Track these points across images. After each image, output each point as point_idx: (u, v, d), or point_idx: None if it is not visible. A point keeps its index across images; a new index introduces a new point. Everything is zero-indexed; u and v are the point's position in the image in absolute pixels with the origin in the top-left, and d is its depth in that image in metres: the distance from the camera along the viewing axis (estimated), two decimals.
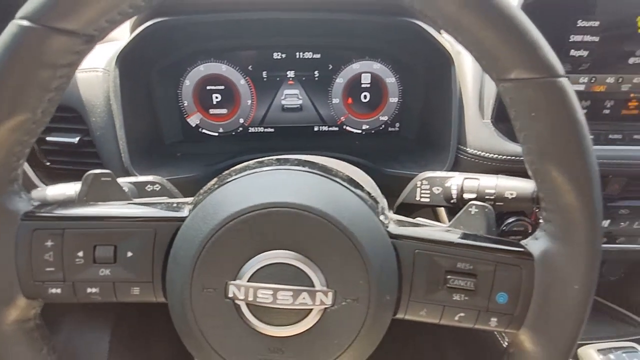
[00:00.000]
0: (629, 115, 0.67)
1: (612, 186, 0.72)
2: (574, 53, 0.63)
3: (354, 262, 0.33)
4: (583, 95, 0.66)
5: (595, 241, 0.34)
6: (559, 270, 0.35)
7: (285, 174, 0.37)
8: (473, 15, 0.31)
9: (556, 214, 0.35)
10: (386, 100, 0.80)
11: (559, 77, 0.32)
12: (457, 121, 0.68)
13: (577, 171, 0.33)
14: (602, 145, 0.68)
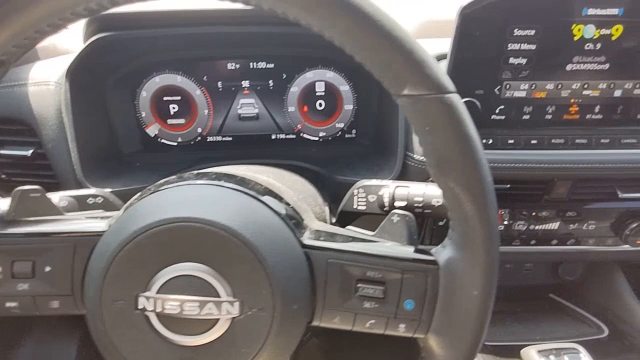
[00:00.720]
0: (570, 120, 0.69)
1: (558, 189, 0.74)
2: (513, 61, 0.65)
3: (257, 273, 0.35)
4: (525, 102, 0.68)
5: (491, 249, 0.36)
6: (460, 276, 0.37)
7: (199, 189, 0.38)
8: (364, 36, 0.32)
9: (458, 222, 0.37)
10: (341, 108, 0.81)
11: (447, 94, 0.33)
12: (404, 128, 0.70)
13: (470, 182, 0.34)
14: (545, 149, 0.70)
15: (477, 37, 0.63)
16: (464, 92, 0.66)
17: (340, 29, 0.32)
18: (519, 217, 0.77)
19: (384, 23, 0.32)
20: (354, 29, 0.32)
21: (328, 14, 0.32)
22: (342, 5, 0.31)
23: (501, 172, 0.69)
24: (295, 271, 0.37)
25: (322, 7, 0.31)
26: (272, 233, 0.36)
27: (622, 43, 0.63)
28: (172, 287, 0.34)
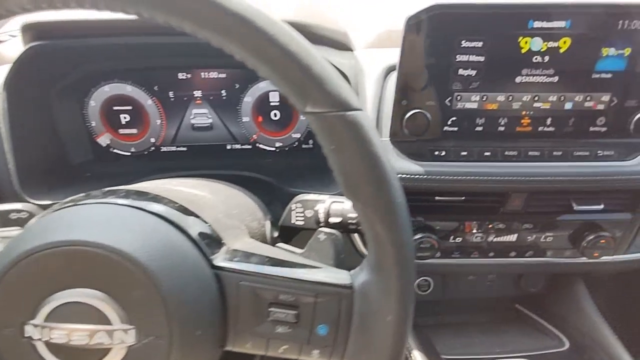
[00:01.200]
0: (523, 132, 0.68)
1: (513, 202, 0.73)
2: (463, 72, 0.64)
3: (153, 298, 0.33)
4: (477, 113, 0.67)
5: (404, 273, 0.34)
6: (374, 301, 0.35)
7: (98, 209, 0.36)
8: (260, 51, 0.31)
9: (371, 245, 0.35)
10: (297, 118, 0.80)
11: (350, 111, 0.32)
12: None
13: (379, 203, 0.33)
14: (499, 162, 0.69)
15: (425, 48, 0.62)
16: (414, 103, 0.65)
17: (236, 43, 0.31)
18: (477, 230, 0.76)
19: (280, 36, 0.30)
20: (248, 42, 0.30)
21: (221, 28, 0.30)
22: (235, 19, 0.30)
23: (455, 184, 0.68)
24: (201, 294, 0.35)
25: (215, 21, 0.30)
26: (174, 254, 0.35)
27: (570, 56, 0.63)
28: (61, 315, 0.32)
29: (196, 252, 0.36)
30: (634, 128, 0.67)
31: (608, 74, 0.64)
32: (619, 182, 0.69)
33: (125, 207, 0.36)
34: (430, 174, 0.67)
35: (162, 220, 0.36)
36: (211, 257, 0.37)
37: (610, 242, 0.74)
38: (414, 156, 0.68)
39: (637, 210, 0.74)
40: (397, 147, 0.68)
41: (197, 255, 0.36)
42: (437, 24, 0.61)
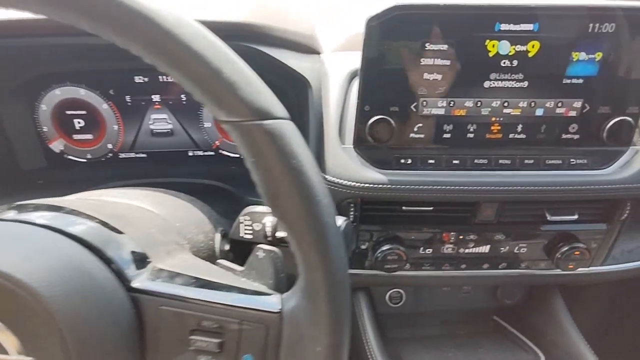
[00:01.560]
0: (493, 139, 0.65)
1: (484, 212, 0.70)
2: (428, 76, 0.61)
3: (49, 328, 0.29)
4: (445, 119, 0.64)
5: (336, 298, 0.31)
6: (304, 329, 0.32)
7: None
8: (167, 52, 0.28)
9: (301, 266, 0.32)
10: None
11: (268, 120, 0.28)
12: (316, 146, 0.65)
13: (304, 222, 0.30)
14: (468, 170, 0.66)
15: (387, 51, 0.59)
16: (377, 109, 0.62)
17: (138, 43, 0.27)
18: (447, 241, 0.73)
19: (187, 36, 0.27)
20: (153, 43, 0.27)
21: (120, 26, 0.27)
22: (135, 16, 0.26)
23: (422, 194, 0.65)
24: (112, 322, 0.32)
25: (112, 17, 0.26)
26: (77, 278, 0.31)
27: (539, 60, 0.60)
28: None
29: (109, 274, 0.33)
30: (607, 135, 0.64)
31: (579, 80, 0.61)
32: (592, 192, 0.66)
33: (26, 225, 0.32)
34: (395, 183, 0.64)
35: (68, 238, 0.33)
36: (130, 279, 0.34)
37: (585, 253, 0.71)
38: (379, 164, 0.65)
39: (612, 220, 0.72)
40: (361, 155, 0.65)
41: (109, 278, 0.33)
42: (400, 25, 0.58)
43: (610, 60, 0.60)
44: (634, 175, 0.65)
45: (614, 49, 0.59)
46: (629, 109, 0.63)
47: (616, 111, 0.63)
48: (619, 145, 0.66)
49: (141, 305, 0.33)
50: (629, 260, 0.78)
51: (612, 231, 0.73)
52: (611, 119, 0.63)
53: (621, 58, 0.60)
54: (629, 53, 0.59)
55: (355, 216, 0.69)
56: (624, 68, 0.60)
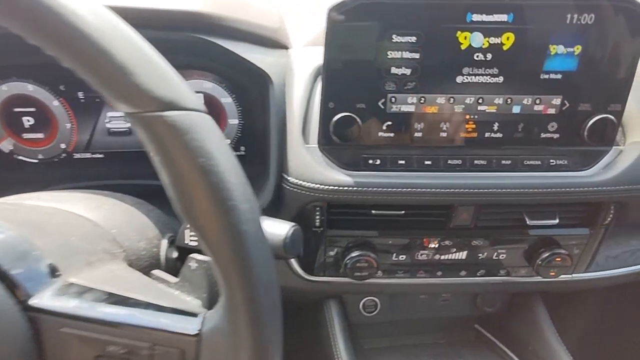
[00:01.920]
0: (468, 138, 0.61)
1: (460, 216, 0.66)
2: (396, 71, 0.56)
3: None
4: (416, 117, 0.59)
5: (259, 324, 0.26)
6: (222, 355, 0.27)
7: None
8: (52, 29, 0.23)
9: (220, 281, 0.27)
10: (225, 122, 0.72)
11: (172, 111, 0.24)
12: (277, 146, 0.61)
13: (218, 234, 0.25)
14: (441, 171, 0.62)
15: (352, 43, 0.55)
16: (342, 106, 0.58)
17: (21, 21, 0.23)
18: (422, 247, 0.69)
19: (70, 12, 0.22)
20: (36, 19, 0.23)
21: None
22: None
23: (392, 197, 0.61)
24: (2, 344, 0.27)
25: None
26: None
27: (515, 53, 0.56)
28: None
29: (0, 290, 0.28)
30: (589, 134, 0.60)
31: (558, 75, 0.57)
32: (573, 195, 0.62)
33: None
34: (363, 185, 0.60)
35: None
36: (29, 295, 0.29)
37: (567, 260, 0.67)
38: (346, 165, 0.61)
39: (595, 225, 0.68)
40: (327, 155, 0.61)
41: (1, 294, 0.28)
42: (364, 15, 0.53)
43: (590, 54, 0.56)
44: (617, 177, 0.61)
45: (594, 42, 0.55)
46: (611, 106, 0.59)
47: (597, 109, 0.59)
48: (601, 145, 0.62)
49: (40, 327, 0.29)
50: (614, 267, 0.74)
51: (595, 236, 0.69)
52: (592, 117, 0.59)
53: (602, 52, 0.56)
54: (610, 46, 0.55)
55: (322, 221, 0.65)
56: (604, 62, 0.56)
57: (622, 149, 0.63)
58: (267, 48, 0.66)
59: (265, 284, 0.27)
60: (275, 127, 0.61)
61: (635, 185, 0.61)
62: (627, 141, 0.63)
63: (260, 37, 0.64)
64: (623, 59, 0.56)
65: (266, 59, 0.62)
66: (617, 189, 0.61)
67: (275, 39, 0.67)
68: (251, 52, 0.61)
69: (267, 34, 0.65)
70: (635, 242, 0.75)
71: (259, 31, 0.64)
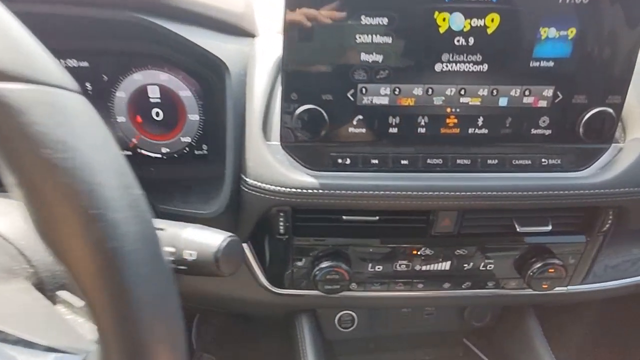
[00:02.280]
0: (449, 135, 0.54)
1: (441, 222, 0.59)
2: (366, 57, 0.50)
3: None
4: (390, 110, 0.53)
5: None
6: None
7: None
8: None
9: (86, 308, 0.20)
10: (184, 118, 0.65)
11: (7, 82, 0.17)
12: (234, 144, 0.54)
13: (79, 258, 0.18)
14: (420, 172, 0.55)
15: (314, 24, 0.48)
16: (306, 97, 0.51)
17: None
18: (400, 256, 0.62)
19: None
20: None
21: None
22: None
23: (364, 201, 0.54)
24: None
25: None
26: None
27: (500, 37, 0.49)
28: None
29: None
30: (585, 130, 0.53)
31: (549, 62, 0.51)
32: (568, 198, 0.55)
33: None
34: (331, 188, 0.53)
35: None
36: None
37: (561, 271, 0.60)
38: (312, 165, 0.54)
39: (593, 232, 0.61)
40: (291, 154, 0.54)
41: None
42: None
43: (585, 39, 0.49)
44: (617, 179, 0.54)
45: (590, 24, 0.49)
46: (609, 98, 0.52)
47: (594, 101, 0.52)
48: (599, 142, 0.55)
49: None
50: (613, 278, 0.68)
51: (592, 244, 0.62)
52: (588, 111, 0.53)
53: (598, 35, 0.49)
54: (608, 29, 0.49)
55: (287, 227, 0.58)
56: (602, 48, 0.50)
57: (622, 146, 0.56)
58: (227, 35, 0.59)
59: (150, 317, 0.20)
60: (232, 122, 0.54)
61: (637, 188, 0.54)
62: (628, 138, 0.57)
63: (219, 22, 0.58)
64: (623, 45, 0.50)
65: (224, 46, 0.56)
66: (616, 192, 0.54)
67: (238, 25, 0.60)
68: (205, 37, 0.54)
69: (228, 18, 0.59)
70: (636, 250, 0.68)
71: (217, 15, 0.57)
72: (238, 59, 0.56)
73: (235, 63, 0.55)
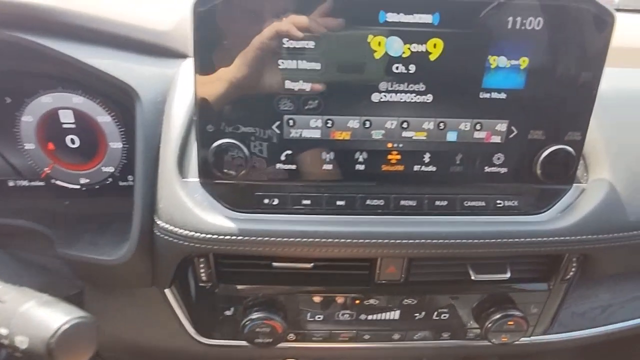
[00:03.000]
0: (391, 173, 0.48)
1: (386, 270, 0.52)
2: (292, 85, 0.43)
3: None
4: (323, 145, 0.46)
5: None
6: None
7: None
8: None
9: None
10: (105, 146, 0.58)
11: None
12: (144, 180, 0.47)
13: None
14: (359, 214, 0.48)
15: (230, 47, 0.41)
16: (223, 129, 0.44)
17: None
18: (342, 305, 0.55)
19: None
20: None
21: None
22: None
23: (294, 248, 0.47)
24: None
25: None
26: None
27: (445, 65, 0.43)
28: None
29: None
30: (543, 170, 0.47)
31: (501, 94, 0.45)
32: (527, 246, 0.49)
33: None
34: (254, 234, 0.46)
35: None
36: None
37: (521, 324, 0.54)
38: (235, 206, 0.47)
39: (556, 279, 0.55)
40: (210, 193, 0.47)
41: None
42: (242, 11, 0.40)
43: (539, 69, 0.43)
44: (579, 224, 0.48)
45: (544, 54, 0.43)
46: (569, 134, 0.46)
47: (552, 137, 0.47)
48: (559, 183, 0.49)
49: None
50: (581, 327, 0.61)
51: (556, 292, 0.56)
52: (546, 148, 0.47)
53: (554, 65, 0.43)
54: (564, 59, 0.43)
55: (210, 275, 0.51)
56: (558, 79, 0.44)
57: (585, 187, 0.50)
58: (146, 56, 0.52)
59: None
60: (142, 155, 0.47)
61: (602, 235, 0.48)
62: (591, 177, 0.51)
63: (135, 42, 0.51)
64: (581, 77, 0.44)
65: (136, 68, 0.49)
66: (579, 240, 0.48)
67: (162, 45, 0.54)
68: (110, 58, 0.47)
69: (148, 38, 0.52)
70: (605, 295, 0.62)
71: (131, 34, 0.50)
72: (154, 83, 0.50)
73: (149, 88, 0.49)
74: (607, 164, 0.50)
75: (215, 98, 0.43)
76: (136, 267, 0.49)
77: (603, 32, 0.42)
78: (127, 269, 0.48)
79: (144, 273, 0.50)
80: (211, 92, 0.43)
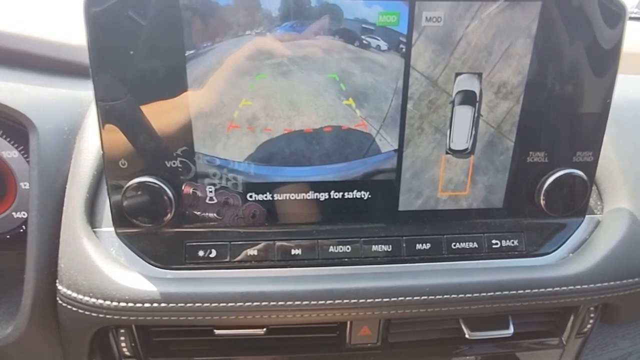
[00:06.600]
0: (359, 210, 0.38)
1: (359, 331, 0.42)
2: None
3: None
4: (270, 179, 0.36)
5: None
6: None
7: None
8: None
9: None
10: (13, 189, 0.47)
11: None
12: (39, 232, 0.37)
13: None
14: (318, 265, 0.38)
15: (134, 58, 0.32)
16: (139, 166, 0.34)
17: None
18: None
19: None
20: None
21: None
22: None
23: (235, 315, 0.36)
24: None
25: None
26: None
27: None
28: None
29: None
30: (547, 199, 0.38)
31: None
32: (533, 298, 0.39)
33: None
34: (184, 300, 0.35)
35: None
36: None
37: None
38: (161, 261, 0.37)
39: (570, 334, 0.44)
40: (130, 246, 0.37)
41: None
42: (148, 11, 0.31)
43: (539, 75, 0.34)
44: (598, 267, 0.38)
45: (545, 58, 0.34)
46: (578, 155, 0.37)
47: (557, 160, 0.37)
48: (568, 215, 0.40)
49: None
50: None
51: (571, 347, 0.46)
52: (551, 173, 0.37)
53: (557, 73, 0.34)
54: (570, 63, 0.34)
55: (134, 348, 0.40)
56: (562, 86, 0.35)
57: (600, 218, 0.41)
58: (45, 75, 0.42)
59: None
60: (36, 200, 0.37)
61: (627, 280, 0.38)
62: (606, 207, 0.41)
63: (35, 58, 0.41)
64: (591, 80, 0.35)
65: (30, 91, 0.39)
66: (599, 288, 0.38)
67: (72, 61, 0.44)
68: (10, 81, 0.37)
69: (52, 54, 0.43)
70: (624, 343, 0.52)
71: (32, 50, 0.41)
72: (58, 109, 0.40)
73: (50, 116, 0.39)
74: (626, 190, 0.40)
75: (127, 124, 0.33)
76: (33, 348, 0.38)
77: (615, 26, 0.33)
78: (19, 351, 0.37)
79: (47, 354, 0.39)
80: (120, 117, 0.33)
